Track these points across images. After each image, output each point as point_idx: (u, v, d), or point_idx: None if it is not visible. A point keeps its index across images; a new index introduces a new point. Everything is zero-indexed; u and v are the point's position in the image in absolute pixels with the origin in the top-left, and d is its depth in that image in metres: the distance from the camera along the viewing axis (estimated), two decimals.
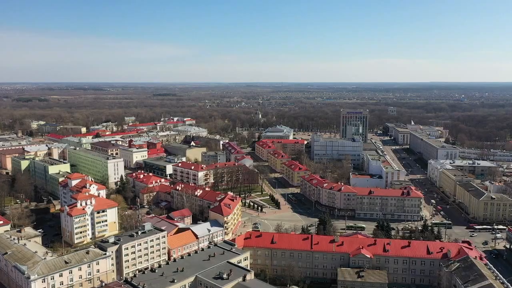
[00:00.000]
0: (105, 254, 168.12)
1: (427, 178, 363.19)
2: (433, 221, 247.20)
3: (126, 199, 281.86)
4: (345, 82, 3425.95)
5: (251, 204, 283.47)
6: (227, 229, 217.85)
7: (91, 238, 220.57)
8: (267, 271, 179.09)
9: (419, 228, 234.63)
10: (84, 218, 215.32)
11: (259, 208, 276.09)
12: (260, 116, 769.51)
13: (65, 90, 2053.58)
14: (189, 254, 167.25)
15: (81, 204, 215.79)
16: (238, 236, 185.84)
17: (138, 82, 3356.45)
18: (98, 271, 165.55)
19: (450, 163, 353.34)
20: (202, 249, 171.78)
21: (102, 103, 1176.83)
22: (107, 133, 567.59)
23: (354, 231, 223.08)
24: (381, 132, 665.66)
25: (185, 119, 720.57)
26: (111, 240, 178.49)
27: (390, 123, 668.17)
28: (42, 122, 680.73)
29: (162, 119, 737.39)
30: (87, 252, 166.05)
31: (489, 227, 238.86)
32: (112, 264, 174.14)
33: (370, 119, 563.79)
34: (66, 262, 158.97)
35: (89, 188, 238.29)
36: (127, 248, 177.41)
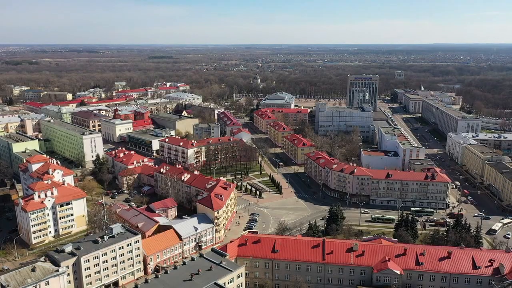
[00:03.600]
0: (58, 270, 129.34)
1: (446, 153, 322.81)
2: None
3: (103, 183, 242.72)
4: (346, 44, 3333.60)
5: (249, 188, 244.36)
6: (218, 225, 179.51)
7: (54, 236, 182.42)
8: (267, 286, 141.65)
9: (448, 221, 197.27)
10: (43, 214, 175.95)
11: (258, 192, 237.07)
12: (259, 81, 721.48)
13: (59, 52, 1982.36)
14: (166, 271, 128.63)
15: (39, 196, 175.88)
16: (230, 242, 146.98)
17: (134, 45, 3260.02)
18: None
19: (473, 136, 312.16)
20: (184, 263, 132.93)
21: (94, 66, 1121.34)
22: (94, 100, 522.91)
23: (374, 236, 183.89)
24: (388, 98, 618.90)
25: (178, 84, 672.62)
26: (68, 249, 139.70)
27: (399, 89, 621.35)
28: (25, 88, 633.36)
29: (154, 84, 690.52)
30: (33, 269, 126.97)
31: None
32: (69, 282, 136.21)
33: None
34: (2, 286, 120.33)
35: (52, 174, 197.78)
36: (88, 261, 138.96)
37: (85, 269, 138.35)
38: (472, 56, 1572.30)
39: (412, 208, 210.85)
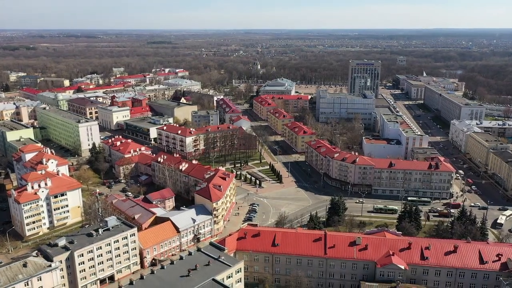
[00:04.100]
0: (50, 265, 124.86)
1: (449, 141, 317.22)
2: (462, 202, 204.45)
3: (99, 172, 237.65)
4: (346, 29, 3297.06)
5: (248, 177, 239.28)
6: (216, 217, 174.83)
7: (48, 228, 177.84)
8: (267, 281, 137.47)
9: (452, 211, 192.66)
10: (37, 205, 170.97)
11: (258, 182, 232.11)
12: (258, 66, 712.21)
13: (57, 37, 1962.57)
14: (162, 267, 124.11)
15: (32, 187, 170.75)
16: (229, 235, 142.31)
17: (133, 30, 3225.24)
18: None
19: (477, 124, 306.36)
20: (181, 258, 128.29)
21: (92, 52, 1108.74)
22: (91, 86, 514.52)
23: (378, 229, 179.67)
24: (390, 85, 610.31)
25: (177, 70, 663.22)
26: (61, 243, 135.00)
27: (401, 75, 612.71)
28: (21, 74, 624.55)
29: (153, 70, 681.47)
30: (24, 265, 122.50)
31: None
32: (63, 277, 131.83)
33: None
34: None
35: (46, 164, 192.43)
36: (81, 255, 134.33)
37: (79, 264, 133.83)
38: (474, 41, 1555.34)
39: (409, 198, 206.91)
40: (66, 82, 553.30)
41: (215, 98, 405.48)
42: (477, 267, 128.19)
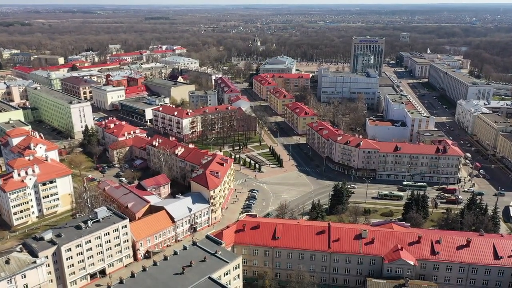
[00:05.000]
0: (35, 262, 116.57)
1: (455, 122, 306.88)
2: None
3: (92, 156, 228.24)
4: (347, 3, 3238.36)
5: (247, 161, 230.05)
6: (214, 205, 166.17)
7: (37, 217, 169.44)
8: (267, 277, 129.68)
9: (461, 199, 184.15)
10: (24, 193, 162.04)
11: (257, 166, 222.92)
12: (258, 43, 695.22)
13: (53, 13, 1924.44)
14: (154, 263, 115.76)
15: (19, 175, 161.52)
16: (227, 228, 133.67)
17: (130, 5, 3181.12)
18: (25, 287, 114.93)
19: (485, 104, 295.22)
20: (175, 253, 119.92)
21: (88, 28, 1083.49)
22: (86, 64, 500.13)
23: (385, 220, 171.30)
24: (393, 62, 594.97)
25: (175, 47, 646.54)
26: (47, 236, 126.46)
27: (404, 52, 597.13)
28: (15, 51, 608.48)
29: (150, 47, 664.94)
30: (7, 261, 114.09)
31: None
32: (49, 273, 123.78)
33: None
34: None
35: (34, 149, 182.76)
36: (69, 249, 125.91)
37: (66, 259, 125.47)
38: (478, 16, 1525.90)
39: (404, 183, 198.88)
40: (61, 60, 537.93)
41: (213, 77, 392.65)
42: (491, 262, 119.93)
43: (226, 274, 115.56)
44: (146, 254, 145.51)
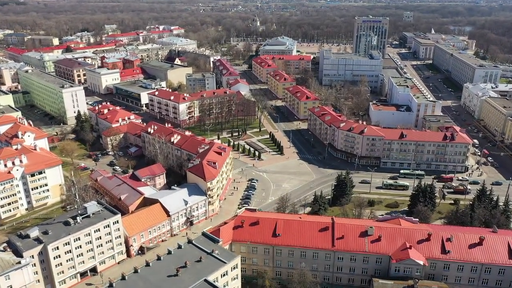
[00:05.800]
0: (20, 262, 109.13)
1: (461, 105, 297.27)
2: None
3: (85, 143, 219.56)
4: None
5: (247, 148, 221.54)
6: (211, 197, 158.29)
7: (27, 209, 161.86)
8: (267, 275, 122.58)
9: (469, 189, 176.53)
10: (11, 185, 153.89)
11: (257, 153, 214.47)
12: (258, 23, 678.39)
13: None
14: (147, 264, 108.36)
15: (5, 165, 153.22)
16: (224, 224, 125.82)
17: None
18: None
19: (492, 87, 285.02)
20: (170, 252, 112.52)
21: (85, 7, 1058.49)
22: (81, 45, 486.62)
23: (392, 214, 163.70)
24: (397, 43, 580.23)
25: (172, 27, 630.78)
26: (33, 234, 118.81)
27: (408, 32, 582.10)
28: (8, 31, 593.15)
29: (147, 28, 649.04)
30: None
31: None
32: (36, 272, 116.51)
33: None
34: None
35: (22, 137, 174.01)
36: (56, 248, 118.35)
37: (54, 258, 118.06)
38: None
39: (402, 171, 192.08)
40: (55, 41, 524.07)
41: (211, 59, 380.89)
42: (505, 262, 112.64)
43: (224, 275, 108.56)
44: (140, 250, 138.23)
